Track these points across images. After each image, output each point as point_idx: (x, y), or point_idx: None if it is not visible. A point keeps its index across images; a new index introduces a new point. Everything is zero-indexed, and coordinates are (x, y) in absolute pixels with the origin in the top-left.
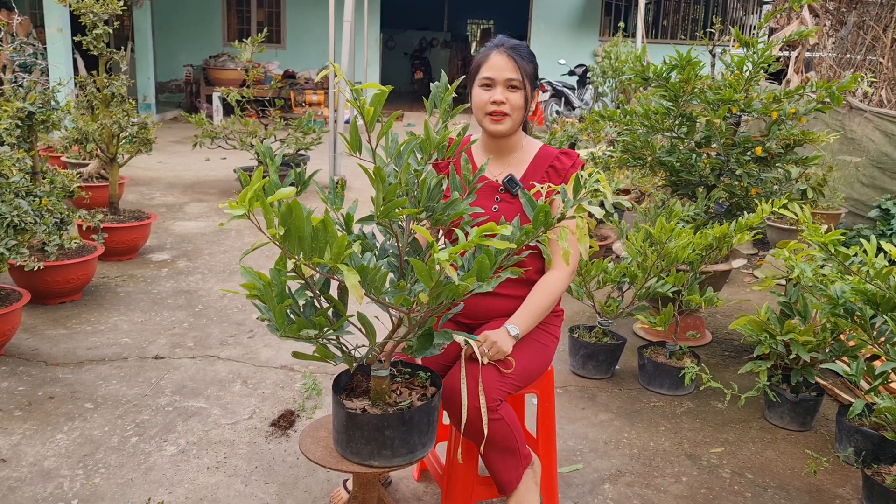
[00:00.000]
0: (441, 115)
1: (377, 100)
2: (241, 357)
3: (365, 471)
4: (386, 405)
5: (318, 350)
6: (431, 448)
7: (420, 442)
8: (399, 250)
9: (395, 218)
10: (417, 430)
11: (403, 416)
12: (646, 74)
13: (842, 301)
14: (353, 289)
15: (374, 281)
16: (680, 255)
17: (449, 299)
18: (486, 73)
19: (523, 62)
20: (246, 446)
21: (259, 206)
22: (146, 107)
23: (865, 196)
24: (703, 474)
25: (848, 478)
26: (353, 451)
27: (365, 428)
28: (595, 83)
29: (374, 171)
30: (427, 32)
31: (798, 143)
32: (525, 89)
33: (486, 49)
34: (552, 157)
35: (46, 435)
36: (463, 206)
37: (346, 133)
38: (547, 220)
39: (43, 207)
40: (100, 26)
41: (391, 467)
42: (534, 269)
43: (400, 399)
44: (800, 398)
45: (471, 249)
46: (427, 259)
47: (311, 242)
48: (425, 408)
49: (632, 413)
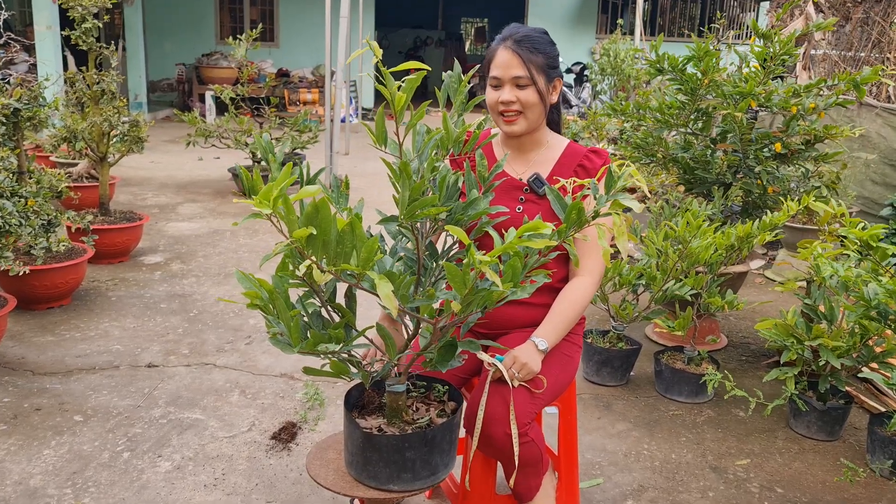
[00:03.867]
0: (456, 109)
1: (410, 86)
2: (239, 365)
3: (383, 496)
4: (403, 423)
5: (333, 365)
6: (452, 468)
7: (442, 462)
8: (418, 253)
9: (419, 218)
10: (440, 450)
11: (426, 435)
12: (661, 65)
13: (875, 303)
14: (387, 299)
15: (400, 288)
16: (702, 256)
17: (481, 307)
18: (493, 72)
19: (531, 55)
20: (245, 461)
21: (282, 204)
22: (138, 106)
23: (877, 194)
24: (731, 489)
25: (883, 492)
26: (370, 475)
27: (384, 450)
28: (593, 81)
29: (399, 167)
30: (421, 31)
31: (819, 139)
32: (536, 84)
33: (495, 43)
34: (581, 156)
35: (32, 450)
36: (483, 206)
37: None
38: (581, 217)
39: (29, 209)
40: (89, 20)
41: (412, 491)
42: (558, 276)
43: (417, 416)
44: (828, 406)
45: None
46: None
47: (336, 247)
48: (447, 425)
49: (651, 422)
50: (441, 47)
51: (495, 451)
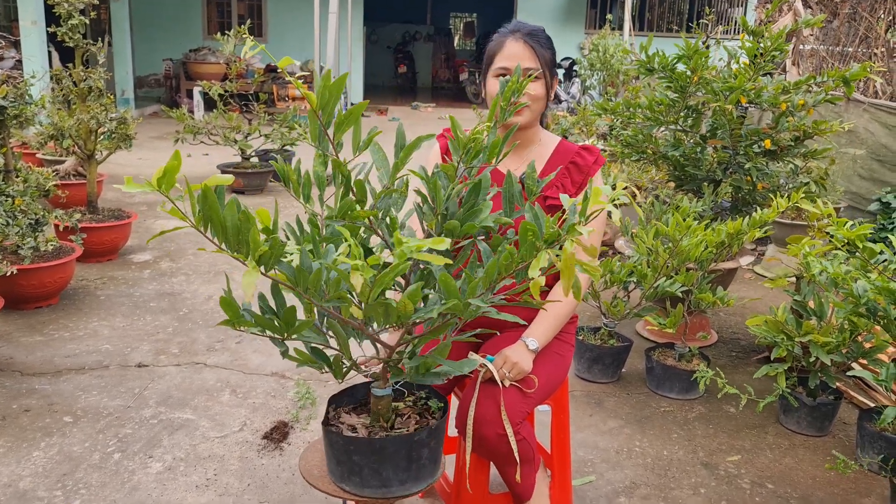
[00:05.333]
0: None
1: (335, 88)
2: (230, 364)
3: (340, 494)
4: (380, 427)
5: (299, 353)
6: (417, 491)
7: (396, 478)
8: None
9: (357, 219)
10: (392, 464)
11: (373, 443)
12: (651, 65)
13: (864, 300)
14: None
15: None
16: (693, 254)
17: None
18: (501, 63)
19: (541, 49)
20: (237, 461)
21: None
22: (124, 102)
23: (864, 189)
24: (722, 485)
25: (872, 487)
26: (330, 470)
27: (334, 447)
28: (582, 76)
29: (333, 164)
30: (410, 26)
31: (808, 136)
32: (545, 78)
33: (500, 36)
34: (573, 153)
35: (22, 452)
36: (485, 213)
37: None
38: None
39: (16, 208)
40: (75, 16)
41: (363, 498)
42: (550, 276)
43: (401, 425)
44: (818, 402)
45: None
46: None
47: (235, 236)
48: (399, 440)
49: (642, 419)
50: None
51: (488, 452)
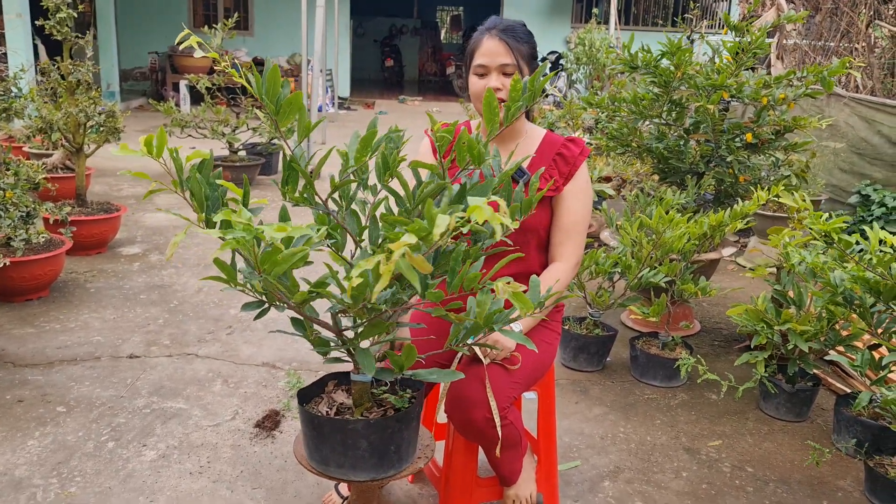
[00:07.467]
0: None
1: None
2: (221, 354)
3: (331, 476)
4: (356, 411)
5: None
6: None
7: (334, 460)
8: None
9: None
10: (330, 445)
11: (313, 419)
12: (634, 63)
13: (841, 289)
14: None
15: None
16: (676, 245)
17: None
18: (479, 60)
19: (517, 44)
20: (230, 449)
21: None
22: (110, 95)
23: (845, 182)
24: (703, 469)
25: (848, 470)
26: (304, 444)
27: (301, 415)
28: (568, 70)
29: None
30: (396, 19)
31: (789, 130)
32: (521, 73)
33: (478, 33)
34: (559, 145)
35: (16, 441)
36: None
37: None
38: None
39: (7, 201)
40: (63, 9)
41: (326, 476)
42: (537, 262)
43: (377, 413)
44: (796, 388)
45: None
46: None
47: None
48: (338, 423)
49: (626, 406)
50: (416, 36)
51: (476, 436)
